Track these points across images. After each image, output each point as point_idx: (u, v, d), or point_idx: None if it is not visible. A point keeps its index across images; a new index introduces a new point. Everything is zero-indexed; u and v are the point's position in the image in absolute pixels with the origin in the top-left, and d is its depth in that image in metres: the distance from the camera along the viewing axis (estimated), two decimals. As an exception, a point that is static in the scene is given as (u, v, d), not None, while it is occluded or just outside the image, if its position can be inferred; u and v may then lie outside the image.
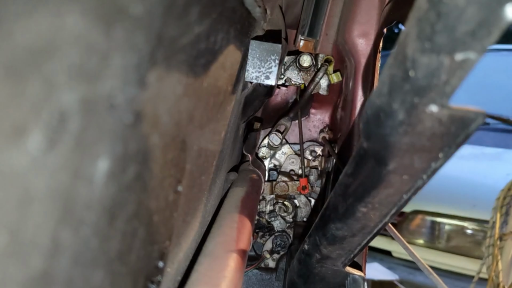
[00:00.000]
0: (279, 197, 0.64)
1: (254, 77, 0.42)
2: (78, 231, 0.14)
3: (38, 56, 0.11)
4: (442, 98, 0.18)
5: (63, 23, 0.11)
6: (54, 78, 0.11)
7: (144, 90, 0.17)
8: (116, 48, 0.14)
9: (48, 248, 0.13)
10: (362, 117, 0.23)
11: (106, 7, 0.13)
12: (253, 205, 0.45)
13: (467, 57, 0.16)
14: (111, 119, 0.15)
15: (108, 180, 0.16)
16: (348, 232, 0.32)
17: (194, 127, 0.28)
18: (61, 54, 0.11)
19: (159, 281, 0.26)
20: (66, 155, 0.13)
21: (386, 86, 0.20)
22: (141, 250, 0.22)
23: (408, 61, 0.17)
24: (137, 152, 0.18)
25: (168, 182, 0.24)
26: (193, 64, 0.24)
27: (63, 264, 0.14)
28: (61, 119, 0.12)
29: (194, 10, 0.21)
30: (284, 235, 0.63)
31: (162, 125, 0.21)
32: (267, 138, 0.62)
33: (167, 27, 0.18)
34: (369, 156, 0.24)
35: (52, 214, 0.13)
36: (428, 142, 0.20)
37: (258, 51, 0.41)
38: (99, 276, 0.17)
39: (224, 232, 0.35)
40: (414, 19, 0.17)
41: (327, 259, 0.38)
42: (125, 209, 0.18)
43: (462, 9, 0.15)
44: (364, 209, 0.28)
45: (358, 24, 0.59)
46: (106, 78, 0.14)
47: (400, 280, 1.76)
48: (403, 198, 0.26)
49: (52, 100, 0.12)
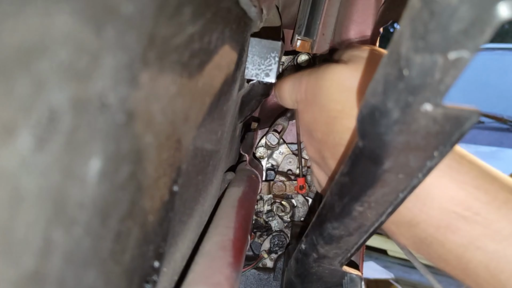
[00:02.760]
0: (276, 197, 0.64)
1: (254, 74, 0.42)
2: (70, 231, 0.14)
3: (27, 55, 0.11)
4: (436, 97, 0.18)
5: (52, 22, 0.11)
6: (43, 77, 0.11)
7: (136, 90, 0.17)
8: (107, 47, 0.14)
9: (39, 247, 0.13)
10: (357, 116, 0.23)
11: (96, 6, 0.13)
12: (250, 205, 0.45)
13: (461, 55, 0.16)
14: (103, 119, 0.15)
15: (101, 179, 0.16)
16: (344, 231, 0.32)
17: (189, 127, 0.28)
18: (51, 53, 0.11)
19: (155, 281, 0.26)
20: (57, 155, 0.13)
21: (381, 85, 0.20)
22: (136, 249, 0.22)
23: (402, 60, 0.18)
24: (130, 151, 0.18)
25: (163, 182, 0.24)
26: (187, 64, 0.24)
27: (55, 264, 0.14)
28: (52, 118, 0.12)
29: (187, 10, 0.21)
30: (282, 234, 0.63)
31: (156, 124, 0.21)
32: (264, 138, 0.62)
33: (159, 27, 0.18)
34: (364, 155, 0.24)
35: (43, 213, 0.13)
36: (423, 141, 0.21)
37: (258, 48, 0.41)
38: (92, 276, 0.17)
39: (221, 232, 0.35)
40: (407, 18, 0.17)
41: (324, 258, 0.38)
42: (118, 209, 0.18)
43: (455, 8, 0.15)
44: (360, 208, 0.28)
45: (354, 24, 0.59)
46: (97, 77, 0.14)
47: (396, 278, 1.76)
48: (399, 196, 0.26)
49: (41, 99, 0.12)
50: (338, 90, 0.37)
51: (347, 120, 0.36)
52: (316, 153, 0.42)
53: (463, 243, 0.29)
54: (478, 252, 0.29)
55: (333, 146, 0.38)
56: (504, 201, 0.28)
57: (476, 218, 0.29)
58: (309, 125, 0.41)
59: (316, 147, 0.42)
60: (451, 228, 0.30)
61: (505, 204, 0.28)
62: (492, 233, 0.28)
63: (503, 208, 0.28)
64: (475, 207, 0.29)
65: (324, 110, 0.38)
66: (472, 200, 0.29)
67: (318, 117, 0.39)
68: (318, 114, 0.39)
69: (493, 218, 0.28)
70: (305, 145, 0.45)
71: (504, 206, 0.28)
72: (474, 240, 0.29)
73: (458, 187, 0.29)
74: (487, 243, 0.28)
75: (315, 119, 0.40)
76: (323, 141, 0.39)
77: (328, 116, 0.37)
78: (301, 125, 0.45)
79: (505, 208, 0.28)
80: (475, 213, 0.29)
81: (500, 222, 0.28)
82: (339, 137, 0.37)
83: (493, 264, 0.28)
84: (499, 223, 0.28)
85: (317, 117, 0.39)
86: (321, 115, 0.38)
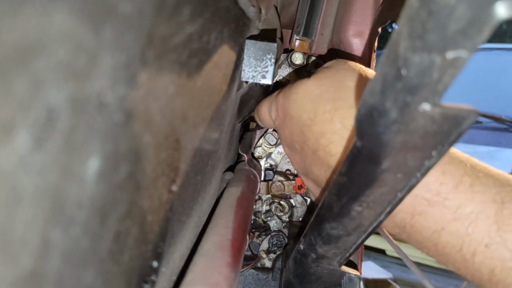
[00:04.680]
0: (275, 197, 0.64)
1: (251, 76, 0.42)
2: (69, 230, 0.14)
3: (25, 54, 0.11)
4: (434, 96, 0.18)
5: (50, 21, 0.11)
6: (41, 76, 0.11)
7: (135, 89, 0.17)
8: (105, 46, 0.14)
9: (37, 247, 0.13)
10: (356, 116, 0.23)
11: (94, 5, 0.13)
12: (249, 205, 0.44)
13: (458, 55, 0.16)
14: (101, 118, 0.15)
15: (99, 179, 0.16)
16: (343, 231, 0.32)
17: (188, 127, 0.28)
18: (49, 52, 0.11)
19: (154, 281, 0.26)
20: (55, 154, 0.13)
21: (379, 85, 0.20)
22: (135, 249, 0.22)
23: (400, 59, 0.18)
24: (129, 151, 0.18)
25: (162, 182, 0.24)
26: (186, 63, 0.24)
27: (53, 263, 0.14)
28: (50, 117, 0.12)
29: (186, 9, 0.21)
30: (281, 234, 0.63)
31: (154, 124, 0.21)
32: (263, 138, 0.62)
33: (157, 27, 0.18)
34: (362, 155, 0.24)
35: (41, 213, 0.13)
36: (421, 141, 0.21)
37: (254, 50, 0.41)
38: (91, 275, 0.17)
39: (220, 232, 0.35)
40: (405, 17, 0.17)
41: (322, 258, 0.38)
42: (117, 209, 0.18)
43: (453, 7, 0.15)
44: (358, 208, 0.28)
45: (353, 24, 0.59)
46: (96, 76, 0.14)
47: (394, 278, 1.77)
48: (397, 196, 0.26)
49: (40, 98, 0.12)
50: (307, 101, 0.39)
51: (319, 126, 0.37)
52: (300, 163, 0.44)
53: (436, 228, 0.31)
54: (444, 232, 0.31)
55: (312, 152, 0.39)
56: (469, 184, 0.30)
57: (445, 203, 0.30)
58: (287, 139, 0.44)
59: (298, 158, 0.44)
60: (423, 215, 0.31)
61: (471, 187, 0.30)
62: (458, 216, 0.30)
63: (468, 192, 0.30)
64: (443, 192, 0.30)
65: (298, 121, 0.40)
66: (439, 185, 0.31)
67: (294, 129, 0.41)
68: (293, 126, 0.41)
69: (460, 202, 0.30)
70: (290, 159, 0.48)
71: (469, 189, 0.30)
72: (444, 223, 0.30)
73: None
74: (455, 225, 0.30)
75: (291, 132, 0.42)
76: (302, 150, 0.41)
77: (302, 125, 0.39)
78: (282, 141, 0.47)
79: (470, 191, 0.30)
80: (444, 198, 0.30)
81: (467, 206, 0.30)
82: (315, 143, 0.38)
83: (459, 244, 0.30)
84: (466, 207, 0.30)
85: (292, 130, 0.42)
86: (296, 126, 0.41)
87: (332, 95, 0.37)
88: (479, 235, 0.29)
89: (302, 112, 0.39)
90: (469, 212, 0.29)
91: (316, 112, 0.38)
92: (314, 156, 0.39)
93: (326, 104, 0.37)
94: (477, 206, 0.29)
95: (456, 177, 0.30)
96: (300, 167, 0.45)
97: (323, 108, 0.37)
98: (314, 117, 0.38)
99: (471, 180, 0.30)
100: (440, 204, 0.30)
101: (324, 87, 0.38)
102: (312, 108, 0.38)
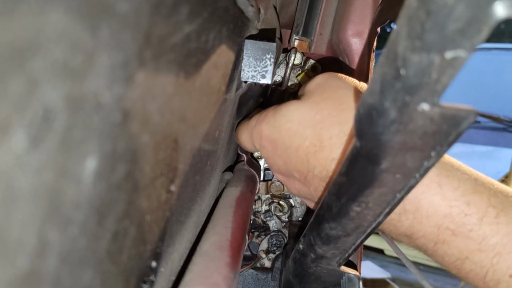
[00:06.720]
0: (274, 197, 0.64)
1: (250, 76, 0.42)
2: (66, 230, 0.14)
3: (21, 53, 0.11)
4: (433, 96, 0.18)
5: (47, 20, 0.11)
6: (38, 76, 0.11)
7: (132, 89, 0.17)
8: (103, 46, 0.14)
9: (34, 247, 0.13)
10: (355, 116, 0.23)
11: (91, 4, 0.13)
12: (248, 205, 0.44)
13: (457, 55, 0.16)
14: (99, 118, 0.15)
15: (96, 179, 0.16)
16: (342, 232, 0.32)
17: (186, 127, 0.28)
18: (45, 51, 0.11)
19: (152, 281, 0.26)
20: (52, 154, 0.13)
21: (378, 85, 0.20)
22: (133, 249, 0.22)
23: (399, 59, 0.17)
24: (126, 151, 0.18)
25: (160, 182, 0.24)
26: (184, 63, 0.24)
27: (51, 263, 0.14)
28: (46, 117, 0.12)
29: (184, 9, 0.21)
30: (280, 234, 0.63)
31: (152, 124, 0.21)
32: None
33: (155, 26, 0.18)
34: (362, 155, 0.24)
35: (38, 212, 0.13)
36: (420, 141, 0.20)
37: (253, 50, 0.41)
38: (89, 276, 0.17)
39: (219, 232, 0.35)
40: (404, 17, 0.17)
41: (322, 258, 0.38)
42: (115, 209, 0.18)
43: (451, 7, 0.15)
44: (357, 209, 0.28)
45: (352, 24, 0.59)
46: (93, 76, 0.14)
47: (392, 278, 1.77)
48: (397, 197, 0.26)
49: (36, 98, 0.11)
50: (305, 127, 0.37)
51: (327, 152, 0.36)
52: (303, 190, 0.42)
53: (459, 256, 0.31)
54: (468, 261, 0.31)
55: (321, 179, 0.37)
56: (495, 215, 0.30)
57: (469, 234, 0.30)
58: (281, 168, 0.41)
59: (299, 185, 0.42)
60: (447, 243, 0.32)
61: (496, 219, 0.30)
62: (484, 247, 0.30)
63: (494, 224, 0.30)
64: (468, 223, 0.30)
65: (297, 150, 0.38)
66: (464, 216, 0.31)
67: (291, 159, 0.39)
68: (289, 156, 0.39)
69: (485, 234, 0.30)
70: (286, 185, 0.45)
71: (494, 221, 0.30)
72: (468, 253, 0.31)
73: (449, 205, 0.31)
74: (479, 256, 0.30)
75: (287, 162, 0.39)
76: (306, 179, 0.39)
77: (305, 153, 0.37)
78: (273, 170, 0.44)
79: (495, 223, 0.30)
80: (469, 229, 0.30)
81: (492, 237, 0.30)
82: (323, 170, 0.36)
83: (483, 273, 0.31)
84: (491, 238, 0.30)
85: (288, 160, 0.39)
86: (295, 155, 0.38)
87: (337, 119, 0.35)
88: (504, 265, 0.29)
89: (301, 141, 0.37)
90: (494, 243, 0.30)
91: (321, 138, 0.36)
92: (323, 183, 0.37)
93: (332, 129, 0.35)
94: (502, 239, 0.30)
95: (481, 209, 0.30)
96: (303, 192, 0.42)
97: (329, 133, 0.35)
98: (320, 144, 0.36)
99: (496, 212, 0.30)
100: (465, 235, 0.31)
101: (325, 111, 0.36)
102: (315, 134, 0.36)
